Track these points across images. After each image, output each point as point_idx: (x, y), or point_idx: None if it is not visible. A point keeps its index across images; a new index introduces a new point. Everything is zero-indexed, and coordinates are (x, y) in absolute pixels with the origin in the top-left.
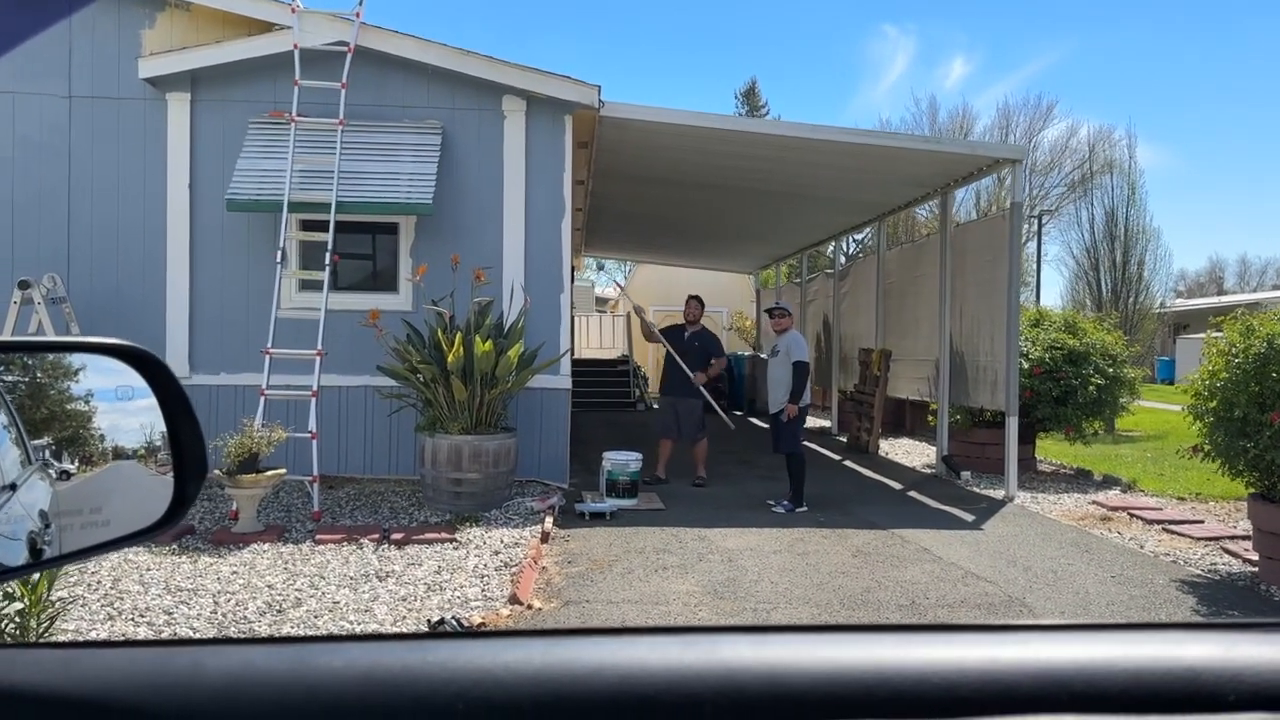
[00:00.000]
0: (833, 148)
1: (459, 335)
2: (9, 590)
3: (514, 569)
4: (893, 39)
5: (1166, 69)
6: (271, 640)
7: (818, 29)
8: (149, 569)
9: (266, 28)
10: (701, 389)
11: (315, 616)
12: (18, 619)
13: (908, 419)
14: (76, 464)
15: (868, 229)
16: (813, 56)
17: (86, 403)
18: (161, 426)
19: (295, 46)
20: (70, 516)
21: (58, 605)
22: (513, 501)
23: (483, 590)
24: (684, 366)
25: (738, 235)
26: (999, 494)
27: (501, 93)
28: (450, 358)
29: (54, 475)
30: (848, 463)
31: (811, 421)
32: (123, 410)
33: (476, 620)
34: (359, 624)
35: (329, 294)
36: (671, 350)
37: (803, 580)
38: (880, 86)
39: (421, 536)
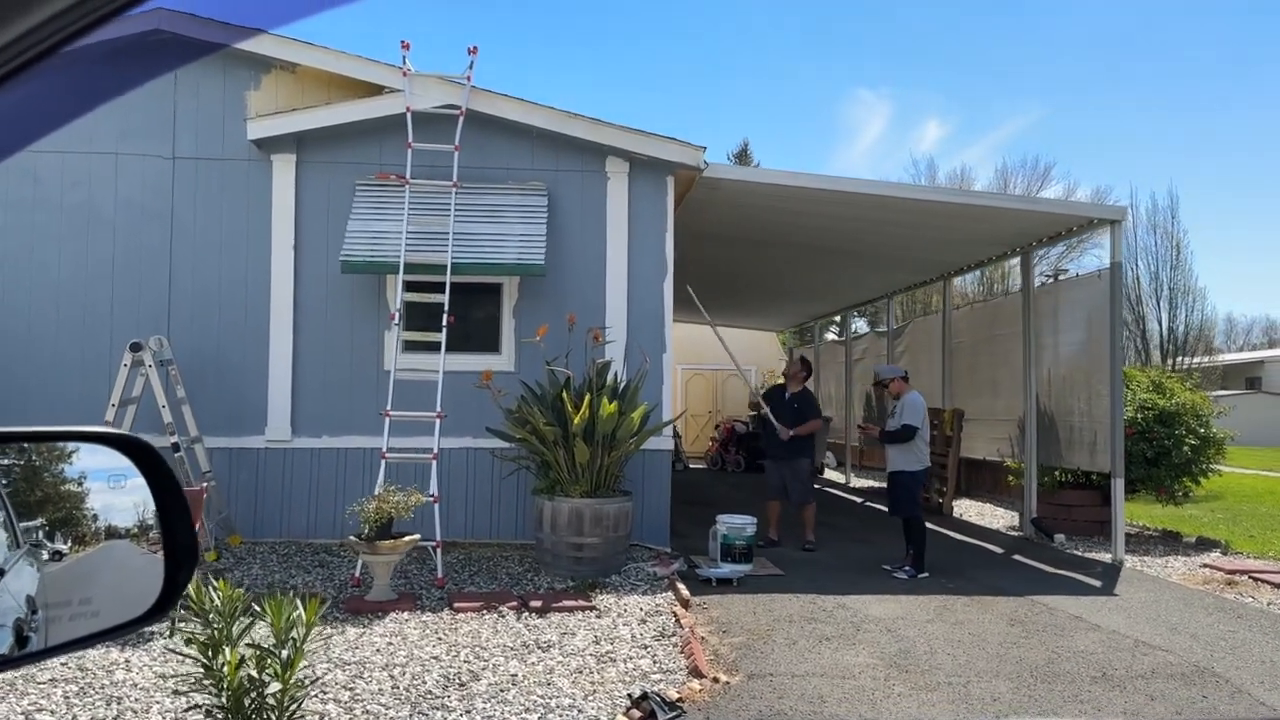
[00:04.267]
0: (922, 206)
1: (587, 397)
2: (254, 675)
3: (672, 639)
4: (868, 103)
5: (1148, 131)
6: None
7: (796, 94)
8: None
9: (372, 90)
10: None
11: (501, 690)
12: (270, 700)
13: (963, 479)
14: (69, 544)
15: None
16: (792, 120)
17: (80, 484)
18: (154, 506)
19: (408, 109)
20: (59, 608)
21: (307, 685)
22: (628, 567)
23: (654, 662)
24: (775, 422)
25: (788, 293)
26: (1105, 557)
27: (605, 154)
28: (576, 419)
29: (44, 559)
30: (926, 524)
31: (870, 481)
32: (117, 491)
33: (673, 695)
34: (548, 698)
35: (436, 356)
36: (769, 414)
37: (978, 651)
38: (857, 148)
39: (560, 604)
